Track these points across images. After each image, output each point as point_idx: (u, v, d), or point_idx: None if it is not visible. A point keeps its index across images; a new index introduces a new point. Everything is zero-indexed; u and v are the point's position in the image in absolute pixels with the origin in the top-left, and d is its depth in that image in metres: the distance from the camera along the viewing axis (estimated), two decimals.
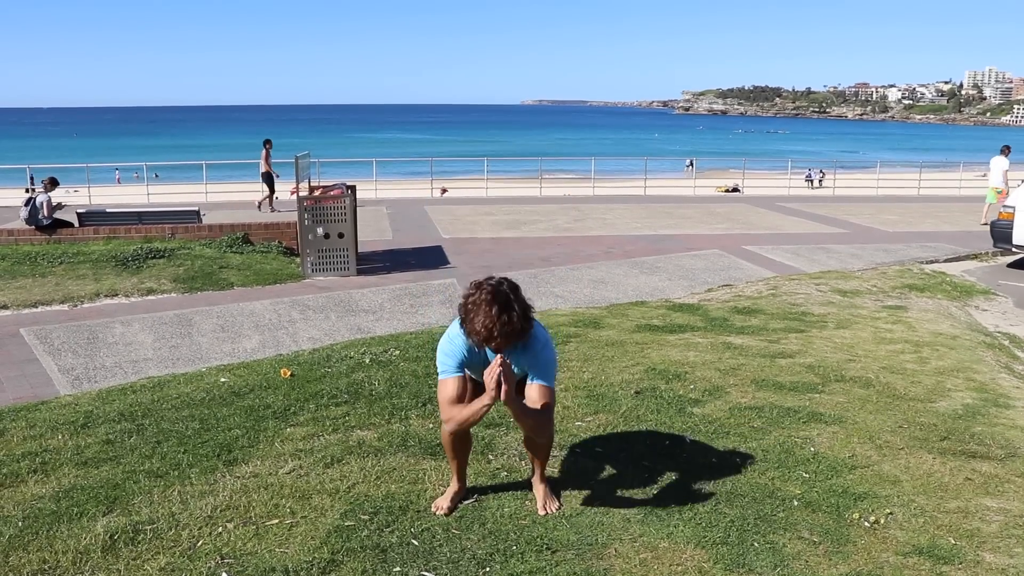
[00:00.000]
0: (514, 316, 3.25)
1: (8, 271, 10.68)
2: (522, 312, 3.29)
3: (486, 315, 3.21)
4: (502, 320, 3.21)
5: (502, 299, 3.25)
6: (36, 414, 5.29)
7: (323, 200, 11.41)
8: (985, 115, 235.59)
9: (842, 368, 5.98)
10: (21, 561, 3.26)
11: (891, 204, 21.01)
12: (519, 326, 3.26)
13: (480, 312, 3.23)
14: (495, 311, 3.21)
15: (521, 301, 3.30)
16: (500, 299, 3.24)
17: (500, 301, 3.24)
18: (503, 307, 3.23)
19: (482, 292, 3.27)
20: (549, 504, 3.68)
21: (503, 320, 3.21)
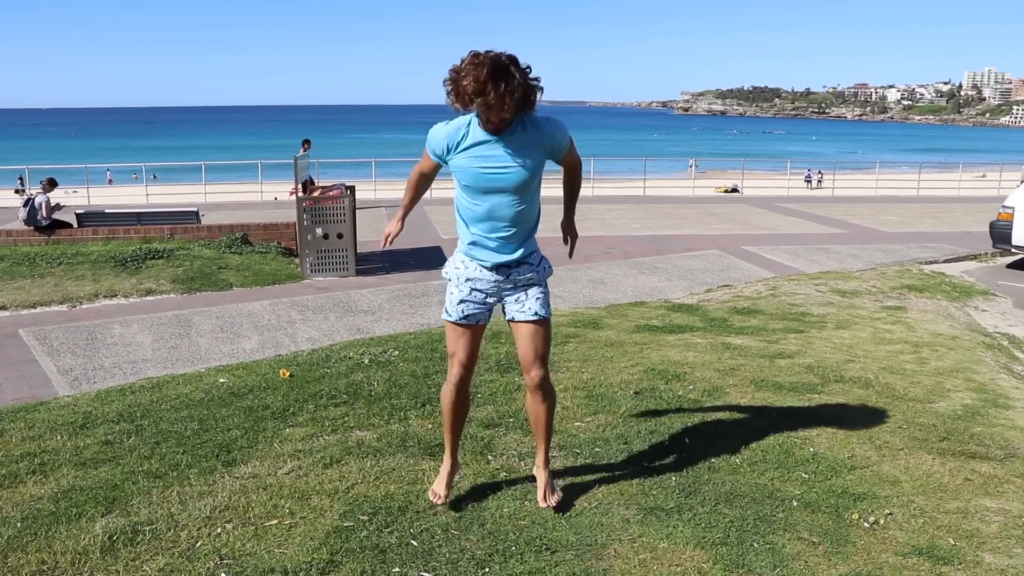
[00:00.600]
0: (512, 80, 3.01)
1: (7, 272, 10.68)
2: (522, 79, 3.05)
3: (476, 75, 2.98)
4: (497, 84, 2.98)
5: (497, 65, 3.00)
6: (35, 415, 5.28)
7: (322, 200, 11.41)
8: (984, 116, 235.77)
9: (841, 369, 5.98)
10: (20, 562, 3.26)
11: (890, 204, 21.02)
12: (519, 91, 3.04)
13: (470, 72, 3.00)
14: (486, 72, 2.98)
15: (522, 70, 3.07)
16: (494, 64, 3.00)
17: (494, 65, 3.00)
18: (497, 71, 2.99)
19: (478, 56, 3.04)
20: (549, 496, 3.64)
21: (498, 84, 2.98)
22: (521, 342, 3.50)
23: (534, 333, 3.47)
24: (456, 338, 3.53)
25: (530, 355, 3.48)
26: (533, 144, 3.29)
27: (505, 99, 3.03)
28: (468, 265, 3.48)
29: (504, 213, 3.34)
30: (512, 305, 3.50)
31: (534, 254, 3.52)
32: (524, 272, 3.47)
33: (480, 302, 3.49)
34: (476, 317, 3.51)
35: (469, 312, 3.49)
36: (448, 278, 3.56)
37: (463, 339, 3.52)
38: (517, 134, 3.25)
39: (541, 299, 3.50)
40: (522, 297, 3.48)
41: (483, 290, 3.47)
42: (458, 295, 3.49)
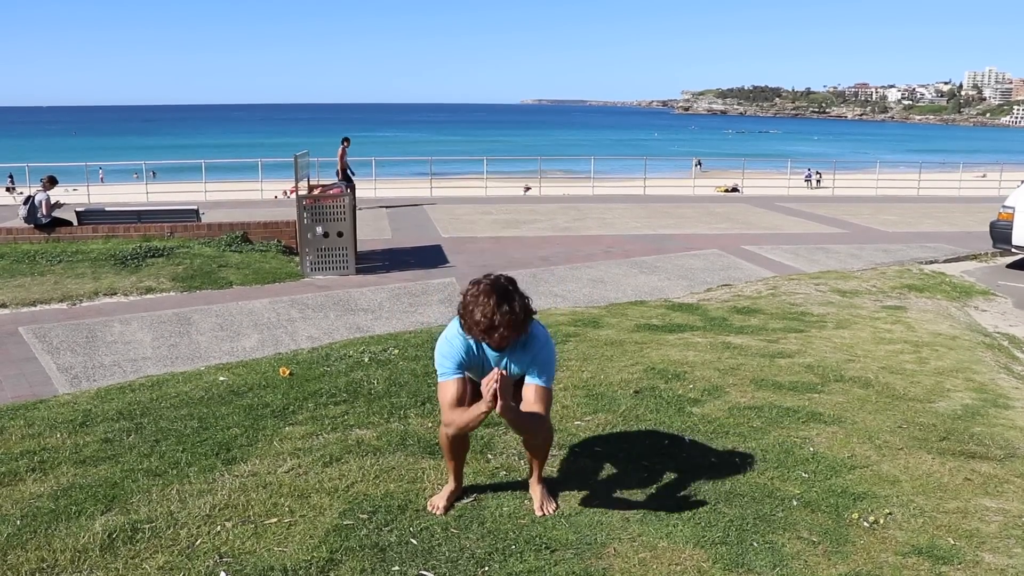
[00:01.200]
0: (515, 306, 3.24)
1: (7, 270, 10.67)
2: (521, 303, 3.28)
3: (485, 305, 3.21)
4: (502, 310, 3.20)
5: (501, 290, 3.24)
6: (35, 413, 5.28)
7: (322, 199, 11.41)
8: (985, 116, 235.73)
9: (841, 368, 5.98)
10: (19, 560, 3.26)
11: (890, 204, 21.02)
12: (520, 316, 3.25)
13: (479, 304, 3.23)
14: (494, 301, 3.21)
15: (520, 294, 3.30)
16: (499, 290, 3.24)
17: (499, 292, 3.24)
18: (502, 297, 3.23)
19: (480, 286, 3.27)
20: (547, 505, 3.66)
21: (503, 310, 3.20)
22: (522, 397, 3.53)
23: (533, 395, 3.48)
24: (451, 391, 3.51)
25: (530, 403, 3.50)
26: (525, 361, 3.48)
27: (511, 327, 3.24)
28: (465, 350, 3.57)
29: None
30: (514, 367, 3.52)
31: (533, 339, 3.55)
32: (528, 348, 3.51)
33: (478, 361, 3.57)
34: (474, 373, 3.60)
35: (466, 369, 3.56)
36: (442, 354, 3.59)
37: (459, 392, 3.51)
38: (517, 350, 3.45)
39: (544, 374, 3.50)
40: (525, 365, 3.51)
41: None
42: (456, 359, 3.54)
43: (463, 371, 3.51)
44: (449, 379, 3.48)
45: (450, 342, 3.50)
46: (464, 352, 3.47)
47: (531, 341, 3.46)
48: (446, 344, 3.51)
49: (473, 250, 12.60)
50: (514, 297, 3.27)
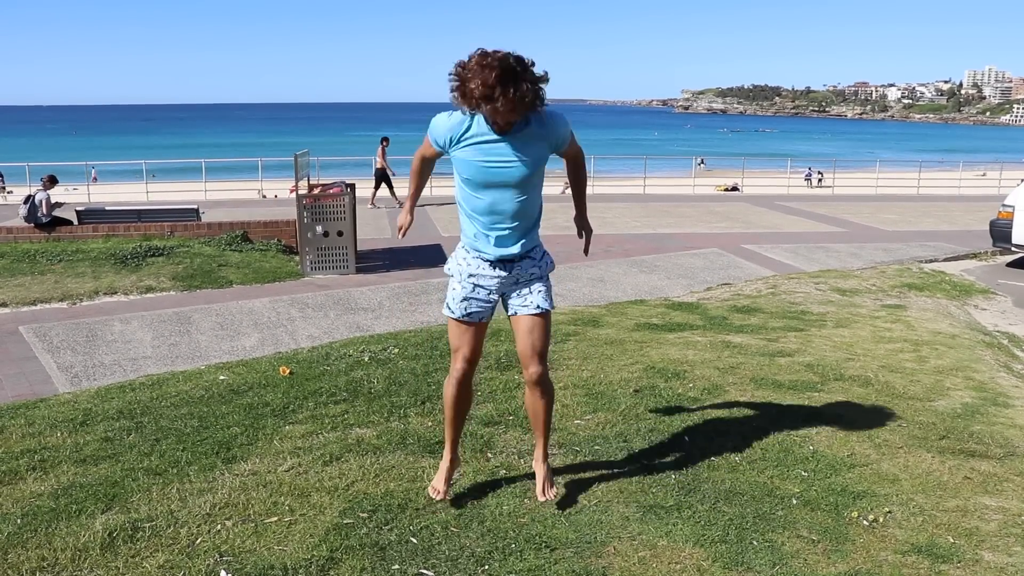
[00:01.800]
0: (521, 86, 2.95)
1: (7, 269, 10.68)
2: (531, 84, 2.98)
3: (485, 78, 2.91)
4: (506, 89, 2.92)
5: (505, 69, 2.92)
6: (35, 412, 5.29)
7: (322, 198, 11.41)
8: (985, 114, 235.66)
9: (841, 367, 5.98)
10: (20, 558, 3.26)
11: (890, 203, 21.02)
12: (528, 96, 2.98)
13: (478, 73, 2.93)
14: (495, 77, 2.91)
15: (531, 71, 2.99)
16: (503, 68, 2.92)
17: (502, 69, 2.92)
18: (506, 75, 2.92)
19: (486, 56, 2.96)
20: (548, 490, 3.64)
21: (507, 89, 2.92)
22: (520, 337, 3.48)
23: (533, 327, 3.44)
24: (459, 335, 3.50)
25: (528, 351, 3.46)
26: (537, 139, 3.24)
27: (514, 104, 2.97)
28: (471, 262, 3.45)
29: (506, 207, 3.31)
30: (515, 300, 3.48)
31: (536, 248, 3.50)
32: (527, 267, 3.46)
33: (483, 299, 3.47)
34: (479, 315, 3.49)
35: (472, 309, 3.47)
36: (451, 274, 3.54)
37: (467, 335, 3.50)
38: (522, 129, 3.20)
39: (543, 292, 3.48)
40: (524, 291, 3.47)
41: (486, 286, 3.45)
42: (461, 292, 3.47)
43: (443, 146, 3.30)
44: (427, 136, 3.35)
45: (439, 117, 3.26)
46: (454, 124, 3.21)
47: (539, 117, 3.19)
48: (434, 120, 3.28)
49: None
50: (520, 81, 2.95)
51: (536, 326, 3.45)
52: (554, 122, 3.29)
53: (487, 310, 3.51)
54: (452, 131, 3.26)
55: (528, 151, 3.23)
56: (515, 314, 3.49)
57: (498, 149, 3.21)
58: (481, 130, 3.21)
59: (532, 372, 3.48)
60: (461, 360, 3.50)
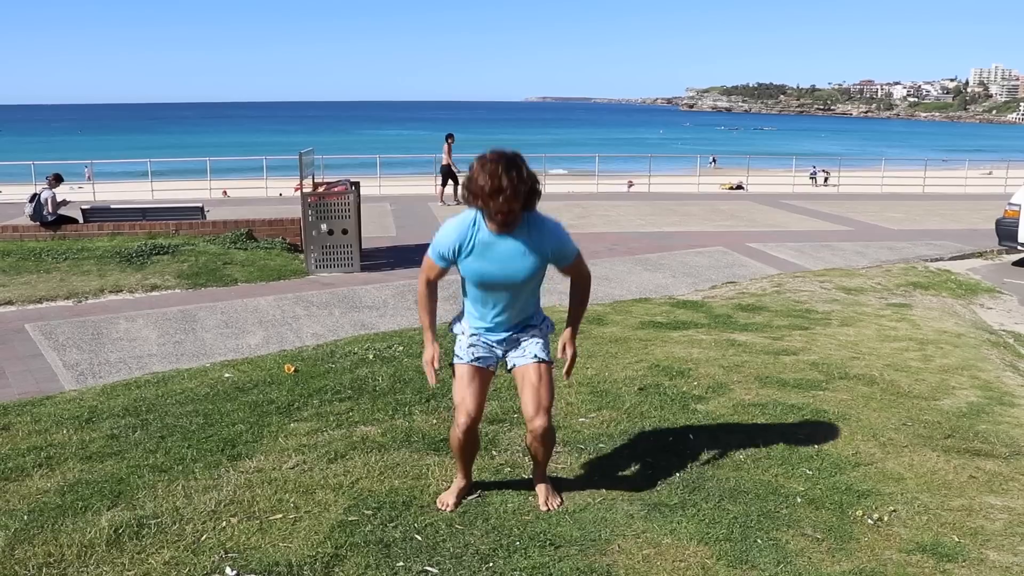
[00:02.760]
0: (523, 172, 3.14)
1: (13, 267, 10.71)
2: (529, 173, 3.18)
3: (492, 171, 3.11)
4: (510, 174, 3.10)
5: (508, 158, 3.15)
6: (41, 409, 5.30)
7: (327, 196, 11.42)
8: (991, 113, 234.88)
9: (846, 365, 5.98)
10: (27, 554, 3.27)
11: (896, 202, 20.97)
12: (527, 183, 3.16)
13: (484, 171, 3.12)
14: (501, 167, 3.11)
15: (527, 166, 3.20)
16: (506, 158, 3.15)
17: (506, 159, 3.15)
18: (509, 164, 3.13)
19: (487, 156, 3.17)
20: (551, 500, 3.67)
21: (511, 175, 3.10)
22: (524, 391, 3.52)
23: (536, 379, 3.49)
24: (465, 385, 3.52)
25: (533, 406, 3.48)
26: (537, 245, 3.36)
27: (517, 190, 3.13)
28: (476, 329, 3.57)
29: (507, 302, 3.46)
30: (513, 353, 3.58)
31: (535, 316, 3.62)
32: (527, 331, 3.58)
33: (488, 348, 3.57)
34: (486, 360, 3.56)
35: (479, 355, 3.55)
36: (456, 333, 3.65)
37: (472, 385, 3.52)
38: (523, 235, 3.33)
39: (541, 344, 3.56)
40: (523, 346, 3.57)
41: (490, 342, 3.57)
42: (467, 341, 3.57)
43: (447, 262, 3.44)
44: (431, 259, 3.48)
45: (447, 226, 3.40)
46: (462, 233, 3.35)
47: (542, 221, 3.37)
48: (443, 229, 3.42)
49: None
50: (521, 165, 3.17)
51: (537, 377, 3.49)
52: (553, 231, 3.40)
53: (492, 358, 3.58)
54: (460, 240, 3.37)
55: (528, 257, 3.36)
56: (514, 367, 3.57)
57: (499, 255, 3.34)
58: (484, 236, 3.34)
59: (537, 426, 3.50)
60: (464, 415, 3.51)
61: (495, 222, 3.25)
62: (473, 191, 3.17)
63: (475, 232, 3.34)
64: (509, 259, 3.34)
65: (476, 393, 3.53)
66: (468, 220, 3.34)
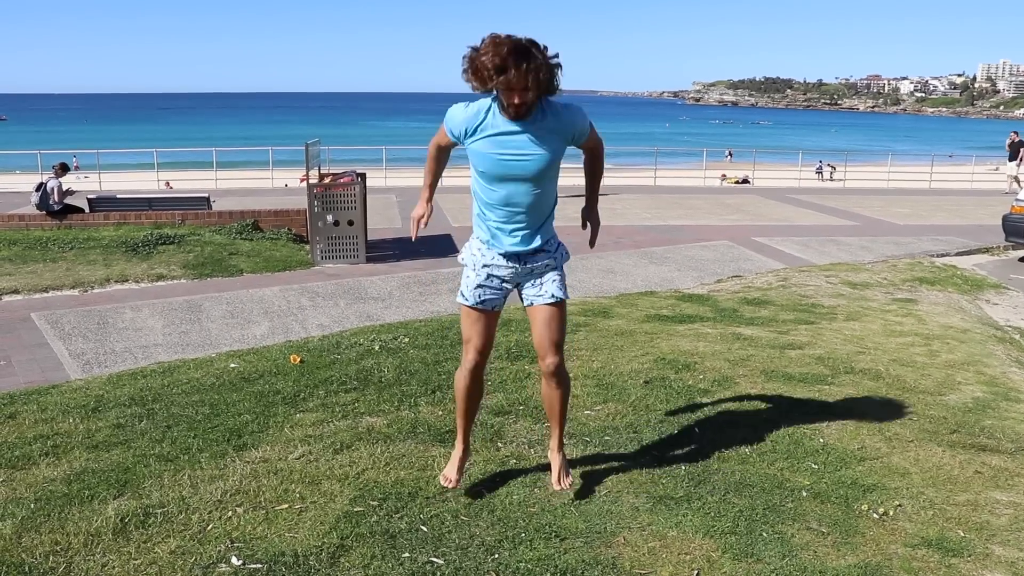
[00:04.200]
0: (537, 57, 2.95)
1: (19, 256, 10.73)
2: (544, 56, 2.98)
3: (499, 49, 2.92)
4: (521, 66, 2.91)
5: (521, 46, 2.96)
6: (47, 398, 5.32)
7: (333, 187, 11.42)
8: (998, 108, 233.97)
9: (852, 360, 5.97)
10: (33, 542, 3.28)
11: (902, 197, 20.92)
12: (543, 69, 2.97)
13: (495, 50, 2.94)
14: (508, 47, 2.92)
15: (544, 52, 3.00)
16: (519, 46, 2.95)
17: (520, 48, 2.95)
18: (523, 52, 2.94)
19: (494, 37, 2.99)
20: (563, 479, 3.64)
21: (522, 66, 2.92)
22: (537, 327, 3.47)
23: (550, 318, 3.43)
24: (472, 323, 3.49)
25: (546, 341, 3.45)
26: (554, 132, 3.21)
27: (528, 78, 2.95)
28: (485, 252, 3.43)
29: (521, 200, 3.29)
30: (529, 290, 3.47)
31: (551, 240, 3.48)
32: (541, 259, 3.44)
33: (496, 287, 3.46)
34: (492, 303, 3.48)
35: (486, 297, 3.45)
36: (464, 263, 3.53)
37: (479, 324, 3.48)
38: (538, 122, 3.17)
39: (558, 282, 3.45)
40: (539, 281, 3.46)
41: (500, 276, 3.44)
42: (475, 279, 3.45)
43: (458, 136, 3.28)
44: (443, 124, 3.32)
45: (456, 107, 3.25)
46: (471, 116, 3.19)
47: (555, 106, 3.19)
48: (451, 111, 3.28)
49: None
50: (535, 54, 2.96)
51: (552, 316, 3.43)
52: (571, 114, 3.27)
53: (500, 298, 3.49)
54: (468, 122, 3.24)
55: (544, 144, 3.20)
56: (531, 304, 3.48)
57: (514, 141, 3.18)
58: (497, 122, 3.18)
59: (549, 363, 3.47)
60: (473, 351, 3.49)
61: (509, 112, 3.11)
62: (474, 67, 2.99)
63: (487, 117, 3.19)
64: (524, 146, 3.18)
65: (484, 330, 3.48)
66: (483, 104, 3.19)
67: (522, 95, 3.02)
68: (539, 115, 3.18)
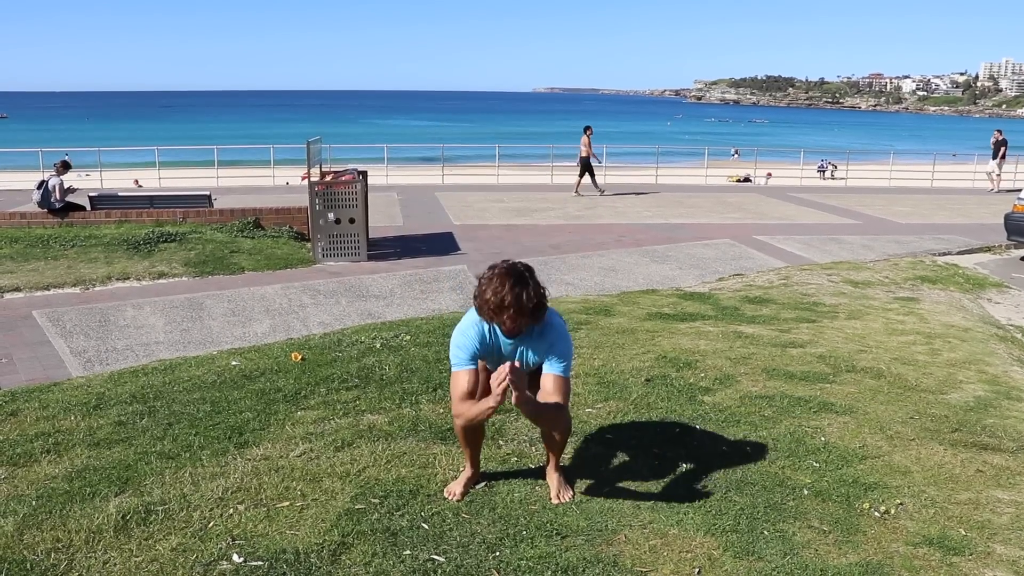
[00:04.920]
0: (528, 290, 3.26)
1: (21, 254, 10.73)
2: (536, 289, 3.29)
3: (498, 286, 3.25)
4: (515, 292, 3.23)
5: (516, 273, 3.28)
6: (49, 395, 5.32)
7: (334, 185, 11.42)
8: (1001, 107, 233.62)
9: (853, 358, 5.96)
10: (35, 539, 3.29)
11: (904, 195, 20.91)
12: (533, 301, 3.27)
13: (492, 285, 3.27)
14: (509, 283, 3.24)
15: (535, 281, 3.32)
16: (514, 273, 3.28)
17: (514, 275, 3.27)
18: (517, 280, 3.26)
19: (496, 269, 3.32)
20: (563, 493, 3.66)
21: (516, 292, 3.23)
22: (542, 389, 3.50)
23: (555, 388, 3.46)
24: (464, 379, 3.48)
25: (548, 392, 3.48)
26: (541, 348, 3.48)
27: (524, 309, 3.26)
28: None
29: None
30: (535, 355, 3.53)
31: None
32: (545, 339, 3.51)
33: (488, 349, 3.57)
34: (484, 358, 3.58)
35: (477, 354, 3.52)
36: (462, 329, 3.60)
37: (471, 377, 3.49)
38: (530, 340, 3.47)
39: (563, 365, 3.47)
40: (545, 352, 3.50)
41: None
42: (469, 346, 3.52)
43: (476, 362, 3.50)
44: (461, 370, 3.47)
45: (464, 332, 3.49)
46: (478, 341, 3.47)
47: (548, 329, 3.48)
48: (460, 335, 3.50)
49: (484, 238, 12.59)
50: (528, 282, 3.28)
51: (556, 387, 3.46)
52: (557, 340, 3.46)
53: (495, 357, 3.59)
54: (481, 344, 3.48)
55: (534, 354, 3.50)
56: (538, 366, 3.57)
57: (508, 353, 3.49)
58: (499, 341, 3.49)
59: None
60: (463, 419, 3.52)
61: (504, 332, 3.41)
62: (481, 305, 3.33)
63: (490, 339, 3.48)
64: (518, 356, 3.49)
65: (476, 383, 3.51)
66: (484, 327, 3.46)
67: (517, 321, 3.30)
68: (531, 334, 3.46)
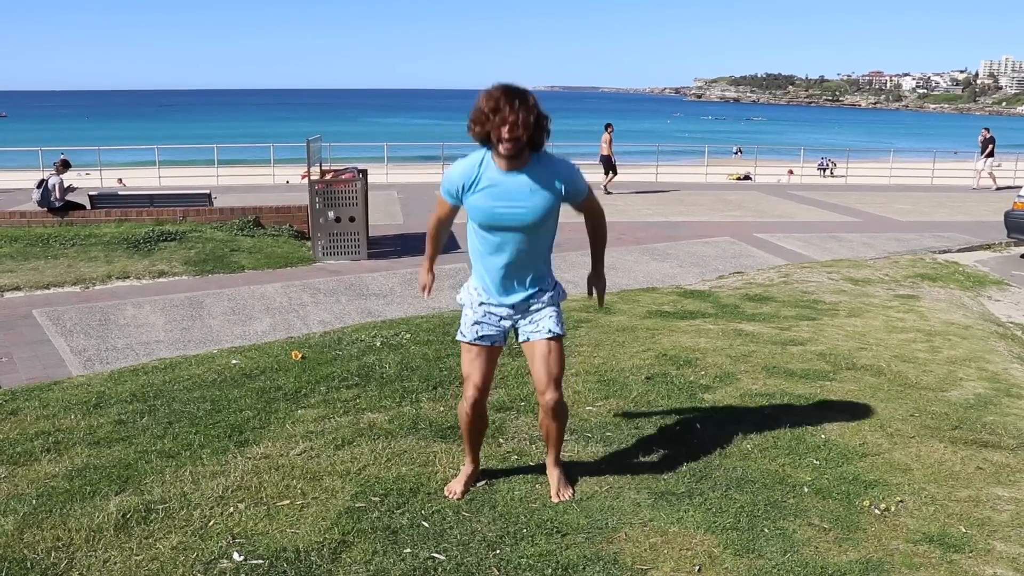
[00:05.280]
0: (528, 96, 3.11)
1: (21, 253, 10.74)
2: (535, 100, 3.12)
3: (495, 91, 3.11)
4: (511, 94, 3.08)
5: (513, 88, 3.13)
6: (49, 394, 5.32)
7: (334, 184, 11.42)
8: (1001, 105, 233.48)
9: (853, 356, 5.96)
10: (35, 538, 3.29)
11: (904, 193, 20.90)
12: (534, 111, 3.10)
13: (487, 94, 3.11)
14: (504, 89, 3.11)
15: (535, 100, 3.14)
16: (511, 88, 3.13)
17: (512, 89, 3.12)
18: (515, 89, 3.12)
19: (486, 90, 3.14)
20: (563, 491, 3.65)
21: (512, 94, 3.08)
22: (535, 364, 3.48)
23: (547, 353, 3.45)
24: (471, 360, 3.50)
25: (544, 378, 3.46)
26: (547, 181, 3.27)
27: (520, 115, 3.05)
28: (482, 293, 3.49)
29: (517, 251, 3.34)
30: (526, 326, 3.50)
31: (547, 282, 3.52)
32: (537, 297, 3.49)
33: (495, 324, 3.49)
34: (491, 338, 3.50)
35: (484, 333, 3.48)
36: (463, 303, 3.57)
37: (478, 360, 3.49)
38: (532, 171, 3.24)
39: (555, 318, 3.49)
40: (536, 317, 3.49)
41: (497, 314, 3.49)
42: (472, 316, 3.49)
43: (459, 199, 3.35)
44: (441, 197, 3.43)
45: (452, 169, 3.35)
46: (464, 174, 3.30)
47: (550, 159, 3.30)
48: (447, 174, 3.38)
49: None
50: (528, 92, 3.13)
51: (550, 352, 3.45)
52: (564, 168, 3.33)
53: (499, 334, 3.52)
54: (465, 177, 3.29)
55: (536, 194, 3.26)
56: (527, 340, 3.51)
57: (507, 192, 3.25)
58: (491, 173, 3.26)
59: (548, 399, 3.48)
60: (472, 388, 3.50)
61: (501, 154, 3.17)
62: (474, 116, 3.13)
63: (481, 170, 3.27)
64: (518, 196, 3.24)
65: (483, 368, 3.49)
66: (476, 158, 3.28)
67: (513, 131, 3.08)
68: (531, 165, 3.25)
